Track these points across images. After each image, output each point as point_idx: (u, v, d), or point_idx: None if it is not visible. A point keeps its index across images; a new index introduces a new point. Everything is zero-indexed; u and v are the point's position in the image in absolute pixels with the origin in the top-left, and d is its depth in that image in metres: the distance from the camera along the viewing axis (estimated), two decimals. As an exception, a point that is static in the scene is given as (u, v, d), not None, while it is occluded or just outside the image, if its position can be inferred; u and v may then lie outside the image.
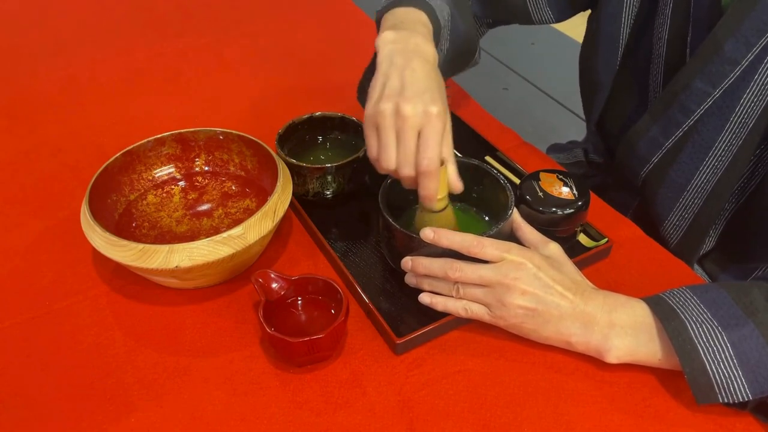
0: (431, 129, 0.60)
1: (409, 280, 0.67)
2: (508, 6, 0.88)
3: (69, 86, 1.06)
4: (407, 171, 0.61)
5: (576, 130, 2.08)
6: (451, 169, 0.64)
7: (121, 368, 0.63)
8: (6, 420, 0.59)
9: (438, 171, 0.60)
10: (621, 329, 0.61)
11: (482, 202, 0.74)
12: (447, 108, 0.63)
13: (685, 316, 0.58)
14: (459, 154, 0.87)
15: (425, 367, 0.63)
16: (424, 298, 0.65)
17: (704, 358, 0.57)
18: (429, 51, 0.66)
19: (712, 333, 0.57)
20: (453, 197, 0.67)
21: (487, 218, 0.74)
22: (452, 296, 0.64)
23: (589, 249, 0.73)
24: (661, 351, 0.60)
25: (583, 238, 0.75)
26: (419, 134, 0.60)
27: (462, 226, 0.73)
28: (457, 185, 0.65)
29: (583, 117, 0.99)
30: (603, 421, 0.58)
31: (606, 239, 0.74)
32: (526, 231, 0.68)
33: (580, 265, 0.72)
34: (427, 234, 0.62)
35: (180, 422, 0.59)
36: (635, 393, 0.61)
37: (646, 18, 0.78)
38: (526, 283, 0.61)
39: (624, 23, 0.80)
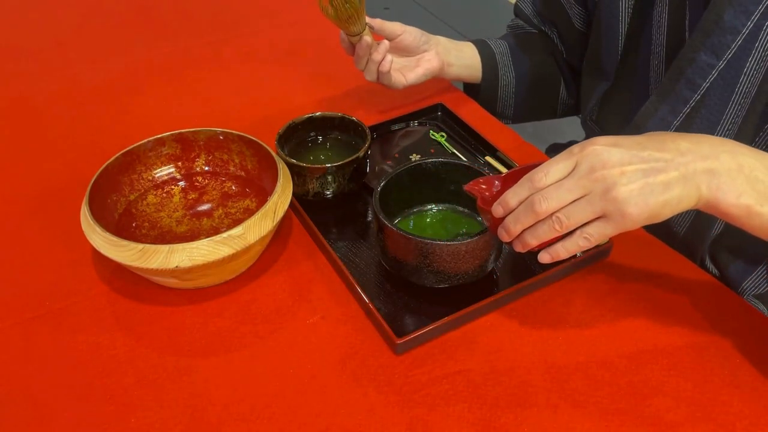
0: None
1: (515, 246, 0.61)
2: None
3: (69, 86, 1.06)
4: None
5: (576, 130, 2.07)
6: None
7: (121, 368, 0.63)
8: (6, 420, 0.59)
9: None
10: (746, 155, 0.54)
11: (473, 201, 0.74)
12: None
13: None
14: (457, 153, 0.87)
15: (425, 367, 0.63)
16: (544, 257, 0.59)
17: None
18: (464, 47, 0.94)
19: None
20: (445, 199, 0.75)
21: (479, 218, 0.74)
22: (557, 230, 0.56)
23: (588, 249, 0.73)
24: None
25: (583, 238, 0.75)
26: None
27: (453, 226, 0.74)
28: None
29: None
30: (603, 421, 0.58)
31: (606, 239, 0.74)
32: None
33: (580, 266, 0.72)
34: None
35: (180, 422, 0.59)
36: (635, 393, 0.61)
37: (643, 7, 0.79)
38: (617, 163, 0.54)
39: (622, 11, 0.81)
